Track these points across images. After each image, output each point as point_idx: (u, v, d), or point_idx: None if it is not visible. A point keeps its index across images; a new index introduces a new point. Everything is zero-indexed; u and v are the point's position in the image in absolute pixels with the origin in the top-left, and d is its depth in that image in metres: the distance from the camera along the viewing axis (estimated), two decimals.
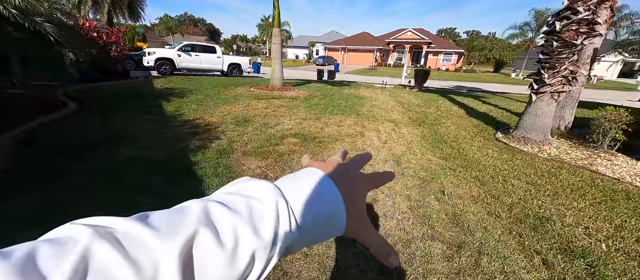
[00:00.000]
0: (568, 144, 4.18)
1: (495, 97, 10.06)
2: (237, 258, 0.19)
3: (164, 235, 0.18)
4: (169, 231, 0.18)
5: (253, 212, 0.22)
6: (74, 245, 0.15)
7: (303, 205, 0.24)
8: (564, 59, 3.65)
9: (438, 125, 5.28)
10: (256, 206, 0.22)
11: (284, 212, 0.22)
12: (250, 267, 0.20)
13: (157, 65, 10.71)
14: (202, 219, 0.19)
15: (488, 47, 40.95)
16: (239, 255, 0.20)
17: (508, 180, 2.93)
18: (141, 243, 0.17)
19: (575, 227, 2.16)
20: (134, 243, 0.17)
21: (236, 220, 0.20)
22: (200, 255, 0.18)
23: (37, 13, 3.71)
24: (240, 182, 0.25)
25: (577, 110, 5.65)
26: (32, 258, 0.14)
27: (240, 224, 0.20)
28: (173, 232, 0.18)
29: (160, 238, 0.17)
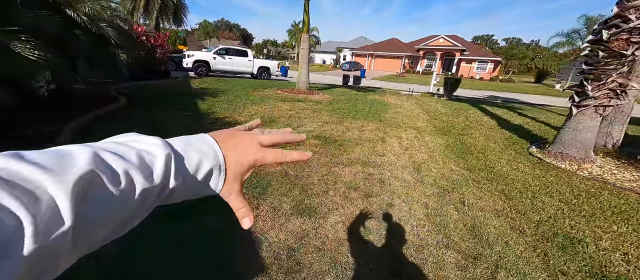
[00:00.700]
0: (614, 164, 3.79)
1: (533, 110, 9.34)
2: (128, 199, 0.21)
3: (53, 172, 0.17)
4: (58, 169, 0.18)
5: (143, 160, 0.23)
6: None
7: (187, 158, 0.27)
8: (611, 71, 3.35)
9: (465, 135, 5.08)
10: (145, 155, 0.24)
11: (169, 162, 0.24)
12: (140, 209, 0.22)
13: (195, 67, 11.58)
14: (93, 162, 0.20)
15: (530, 56, 37.95)
16: (130, 196, 0.21)
17: (538, 197, 2.75)
18: (25, 181, 0.16)
19: (612, 252, 1.99)
20: (17, 179, 0.16)
21: (127, 165, 0.22)
22: (93, 194, 0.19)
23: (101, 19, 4.29)
24: (127, 135, 0.26)
25: (630, 127, 5.09)
26: None
27: (131, 169, 0.22)
28: (63, 170, 0.18)
29: (49, 174, 0.17)
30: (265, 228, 1.92)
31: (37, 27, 2.45)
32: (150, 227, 1.82)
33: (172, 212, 1.94)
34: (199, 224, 1.86)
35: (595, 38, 3.50)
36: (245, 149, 0.32)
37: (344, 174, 2.88)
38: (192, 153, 0.27)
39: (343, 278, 1.57)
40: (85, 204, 0.18)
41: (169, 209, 1.96)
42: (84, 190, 0.18)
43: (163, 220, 1.87)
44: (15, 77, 2.64)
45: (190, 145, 0.28)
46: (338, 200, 2.37)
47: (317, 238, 1.87)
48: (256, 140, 0.33)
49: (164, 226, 1.82)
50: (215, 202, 1.65)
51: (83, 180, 0.18)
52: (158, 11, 15.59)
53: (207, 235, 1.78)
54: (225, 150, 0.30)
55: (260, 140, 0.34)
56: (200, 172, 0.27)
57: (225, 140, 0.31)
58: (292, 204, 2.24)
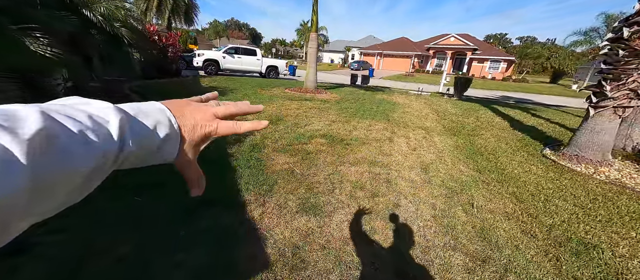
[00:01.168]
0: (634, 167, 3.62)
1: (548, 111, 9.04)
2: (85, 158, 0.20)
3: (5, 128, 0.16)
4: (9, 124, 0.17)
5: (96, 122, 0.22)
6: None
7: (142, 124, 0.26)
8: (632, 70, 3.20)
9: (475, 136, 4.97)
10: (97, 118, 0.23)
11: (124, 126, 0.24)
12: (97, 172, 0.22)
13: (205, 66, 11.78)
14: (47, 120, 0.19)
15: (545, 55, 36.67)
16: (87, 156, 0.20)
17: (551, 200, 2.67)
18: None
19: (629, 259, 1.91)
20: None
21: (81, 126, 0.21)
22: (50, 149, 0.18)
23: (116, 19, 4.42)
24: (73, 98, 0.26)
25: None
26: None
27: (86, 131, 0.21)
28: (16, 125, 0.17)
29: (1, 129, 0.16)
30: (271, 225, 1.93)
31: (53, 26, 2.54)
32: (157, 222, 1.86)
33: (176, 208, 1.98)
34: (205, 220, 1.89)
35: (616, 36, 3.35)
36: (199, 119, 0.31)
37: (350, 173, 2.87)
38: (146, 119, 0.27)
39: (347, 277, 1.57)
40: (41, 157, 0.17)
41: (175, 205, 2.01)
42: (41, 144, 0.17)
43: (171, 216, 1.91)
44: (31, 72, 2.75)
45: (143, 112, 0.27)
46: (344, 199, 2.36)
47: (322, 236, 1.88)
48: (211, 112, 0.33)
49: (172, 222, 1.86)
50: (219, 198, 1.67)
51: (39, 136, 0.17)
52: (170, 11, 15.92)
53: (213, 231, 1.81)
54: (179, 119, 0.30)
55: (215, 111, 0.33)
56: (154, 138, 0.27)
57: (178, 109, 0.31)
58: (298, 202, 2.25)
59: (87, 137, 0.21)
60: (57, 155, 0.18)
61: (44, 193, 0.18)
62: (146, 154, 0.27)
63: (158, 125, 0.27)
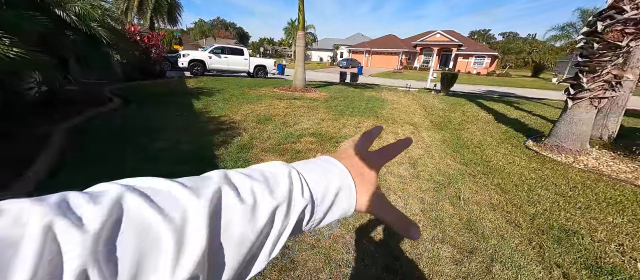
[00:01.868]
0: (610, 156, 3.80)
1: (530, 103, 9.36)
2: (256, 215, 0.21)
3: (192, 191, 0.19)
4: (195, 188, 0.19)
5: (268, 179, 0.23)
6: (107, 194, 0.16)
7: (313, 177, 0.26)
8: (606, 62, 3.34)
9: (461, 130, 5.08)
10: (270, 175, 0.24)
11: (296, 179, 0.24)
12: (269, 226, 0.22)
13: (190, 67, 11.50)
14: (224, 181, 0.21)
15: (526, 50, 37.96)
16: (258, 212, 0.21)
17: (534, 190, 2.75)
18: (169, 196, 0.18)
19: (607, 243, 1.99)
20: (162, 196, 0.18)
21: (253, 182, 0.22)
22: (224, 211, 0.20)
23: (92, 19, 4.23)
24: (255, 166, 0.27)
25: (625, 119, 5.10)
26: (66, 201, 0.15)
27: (257, 186, 0.22)
28: (199, 189, 0.19)
29: (188, 192, 0.19)
30: None
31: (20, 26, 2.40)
32: None
33: None
34: None
35: (590, 30, 3.49)
36: (366, 158, 0.31)
37: None
38: (317, 169, 0.27)
39: (337, 275, 1.56)
40: (217, 221, 0.19)
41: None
42: (217, 206, 0.19)
43: None
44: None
45: (314, 164, 0.28)
46: None
47: (311, 236, 1.86)
48: (378, 168, 0.32)
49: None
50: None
51: (215, 195, 0.20)
52: (152, 11, 15.42)
53: None
54: (347, 166, 0.29)
55: (360, 143, 0.34)
56: (330, 190, 0.26)
57: (343, 159, 0.30)
58: None
59: (256, 193, 0.22)
60: (230, 215, 0.20)
61: (218, 262, 0.19)
62: (321, 210, 0.26)
63: (329, 176, 0.27)
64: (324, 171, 0.27)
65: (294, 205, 0.23)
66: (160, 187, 0.19)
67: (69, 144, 3.04)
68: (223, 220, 0.19)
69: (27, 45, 2.34)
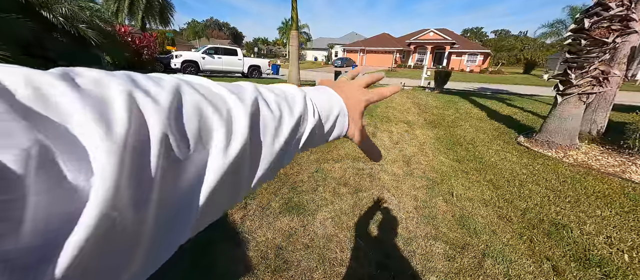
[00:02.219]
0: (599, 150, 3.88)
1: (522, 100, 9.49)
2: (282, 126, 0.25)
3: (236, 96, 0.22)
4: (238, 94, 0.22)
5: (288, 98, 0.28)
6: (168, 81, 0.18)
7: (320, 102, 0.32)
8: (593, 59, 3.41)
9: (455, 127, 5.13)
10: (290, 96, 0.28)
11: (309, 103, 0.29)
12: (291, 137, 0.26)
13: (183, 68, 11.37)
14: (257, 92, 0.24)
15: (518, 47, 38.57)
16: (283, 124, 0.25)
17: (525, 185, 2.80)
18: (218, 95, 0.21)
19: (595, 235, 2.03)
20: (212, 94, 0.20)
21: (279, 99, 0.26)
22: (261, 116, 0.23)
23: (80, 20, 4.15)
24: (272, 85, 0.31)
25: (613, 114, 5.21)
26: (134, 79, 0.16)
27: (282, 103, 0.26)
28: (240, 94, 0.22)
29: (233, 96, 0.22)
30: (253, 228, 1.89)
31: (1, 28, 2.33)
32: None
33: None
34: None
35: (578, 27, 3.55)
36: (357, 95, 0.37)
37: (334, 170, 2.87)
38: (323, 97, 0.32)
39: (331, 274, 1.56)
40: (256, 124, 0.22)
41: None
42: (255, 112, 0.22)
43: None
44: None
45: (319, 91, 0.33)
46: (327, 196, 2.36)
47: (305, 235, 1.86)
48: (361, 86, 0.40)
49: None
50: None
51: (254, 104, 0.23)
52: (143, 11, 15.20)
53: (191, 239, 1.74)
54: (343, 98, 0.35)
55: (361, 83, 0.40)
56: (331, 115, 0.32)
57: (340, 90, 0.36)
58: (281, 202, 2.22)
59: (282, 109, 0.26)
60: (263, 123, 0.23)
61: (257, 157, 0.23)
62: (325, 131, 0.32)
63: (332, 104, 0.33)
64: (328, 99, 0.33)
65: (307, 123, 0.28)
66: (209, 86, 0.21)
67: None
68: (261, 125, 0.23)
69: (10, 47, 2.28)
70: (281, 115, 0.25)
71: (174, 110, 0.17)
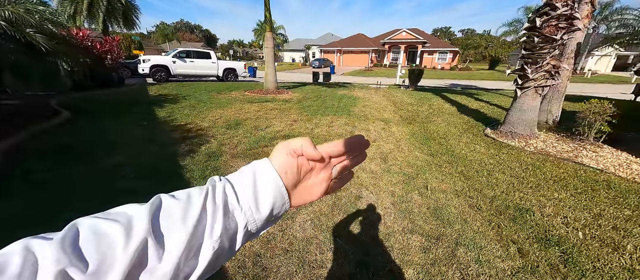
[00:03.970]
0: (555, 138, 4.24)
1: (488, 94, 10.14)
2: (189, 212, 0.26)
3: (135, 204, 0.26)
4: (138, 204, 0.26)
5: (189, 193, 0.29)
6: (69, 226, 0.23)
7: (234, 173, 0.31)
8: (545, 54, 3.72)
9: (428, 123, 5.34)
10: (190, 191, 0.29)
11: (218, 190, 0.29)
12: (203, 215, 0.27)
13: (152, 72, 10.77)
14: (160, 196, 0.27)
15: (483, 45, 41.14)
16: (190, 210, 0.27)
17: (492, 174, 2.98)
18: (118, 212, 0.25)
19: (554, 217, 2.21)
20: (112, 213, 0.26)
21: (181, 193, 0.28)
22: (164, 210, 0.26)
23: (28, 24, 3.77)
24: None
25: (566, 104, 5.73)
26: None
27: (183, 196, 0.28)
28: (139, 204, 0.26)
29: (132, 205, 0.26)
30: None
31: None
32: None
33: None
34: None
35: (531, 25, 3.86)
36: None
37: None
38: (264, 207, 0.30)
39: (311, 277, 1.55)
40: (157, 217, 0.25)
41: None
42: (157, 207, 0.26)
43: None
44: None
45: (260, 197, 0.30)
46: None
47: (284, 240, 1.83)
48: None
49: None
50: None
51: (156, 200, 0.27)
52: (104, 14, 14.17)
53: None
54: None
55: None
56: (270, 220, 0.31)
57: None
58: None
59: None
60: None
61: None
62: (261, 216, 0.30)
63: (276, 206, 0.30)
64: (251, 171, 0.31)
65: (216, 186, 0.29)
66: (113, 210, 0.25)
67: (3, 165, 2.68)
68: (163, 212, 0.25)
69: None
70: (189, 196, 0.27)
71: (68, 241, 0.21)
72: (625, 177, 2.95)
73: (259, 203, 0.29)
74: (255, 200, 0.29)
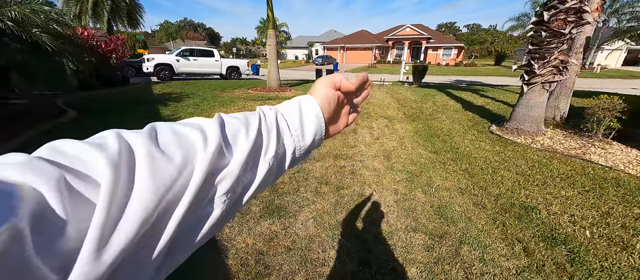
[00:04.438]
0: (562, 134, 4.16)
1: (494, 90, 9.99)
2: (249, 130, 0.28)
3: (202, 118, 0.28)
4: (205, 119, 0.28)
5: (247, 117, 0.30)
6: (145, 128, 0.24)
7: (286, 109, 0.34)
8: (553, 49, 3.64)
9: (432, 120, 5.29)
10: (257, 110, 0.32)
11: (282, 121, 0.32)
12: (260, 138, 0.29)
13: (157, 71, 10.85)
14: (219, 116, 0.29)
15: (489, 40, 40.56)
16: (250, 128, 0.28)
17: (497, 172, 2.94)
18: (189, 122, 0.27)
19: (560, 215, 2.17)
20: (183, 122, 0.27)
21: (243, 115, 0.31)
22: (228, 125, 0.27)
23: (34, 24, 3.81)
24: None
25: (574, 100, 5.61)
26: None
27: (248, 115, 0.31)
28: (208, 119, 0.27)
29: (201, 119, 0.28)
30: (233, 234, 1.83)
31: None
32: None
33: None
34: None
35: (538, 19, 3.77)
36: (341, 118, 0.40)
37: (315, 169, 2.86)
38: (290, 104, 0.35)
39: (313, 275, 1.55)
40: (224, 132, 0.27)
41: None
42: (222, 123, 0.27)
43: None
44: None
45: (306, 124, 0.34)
46: (309, 196, 2.34)
47: (287, 238, 1.83)
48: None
49: None
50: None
51: (219, 117, 0.28)
52: (109, 13, 14.28)
53: None
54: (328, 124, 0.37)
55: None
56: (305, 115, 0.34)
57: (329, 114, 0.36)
58: (262, 205, 2.17)
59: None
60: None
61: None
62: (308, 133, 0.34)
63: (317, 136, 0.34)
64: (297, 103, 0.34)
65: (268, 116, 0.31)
66: (183, 121, 0.27)
67: None
68: (228, 127, 0.27)
69: None
70: (247, 118, 0.29)
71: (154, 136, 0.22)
72: (635, 175, 2.88)
73: (304, 132, 0.33)
74: (301, 128, 0.33)
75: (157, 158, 0.20)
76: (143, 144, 0.21)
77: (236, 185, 0.26)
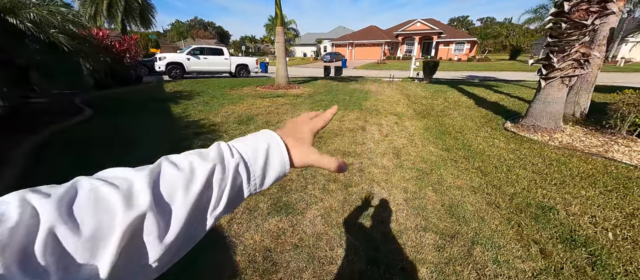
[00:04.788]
0: (583, 131, 3.96)
1: (509, 86, 9.64)
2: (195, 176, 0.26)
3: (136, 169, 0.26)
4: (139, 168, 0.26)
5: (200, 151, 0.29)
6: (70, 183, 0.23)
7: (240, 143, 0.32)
8: (574, 41, 3.45)
9: (444, 116, 5.16)
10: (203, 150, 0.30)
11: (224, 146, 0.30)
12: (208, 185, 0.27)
13: (168, 70, 11.08)
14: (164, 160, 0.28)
15: (504, 34, 39.10)
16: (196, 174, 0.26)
17: (512, 170, 2.83)
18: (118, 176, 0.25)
19: (580, 216, 2.07)
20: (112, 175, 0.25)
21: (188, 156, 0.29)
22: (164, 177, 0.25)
23: (51, 26, 3.95)
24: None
25: (596, 95, 5.34)
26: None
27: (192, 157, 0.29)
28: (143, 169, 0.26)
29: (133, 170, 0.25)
30: (240, 231, 1.84)
31: None
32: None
33: None
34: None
35: (558, 10, 3.58)
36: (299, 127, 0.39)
37: None
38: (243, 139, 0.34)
39: (321, 273, 1.53)
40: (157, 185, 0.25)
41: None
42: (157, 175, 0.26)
43: None
44: None
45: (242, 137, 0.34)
46: (317, 194, 2.32)
47: (294, 235, 1.82)
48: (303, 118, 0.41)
49: None
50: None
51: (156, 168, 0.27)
52: (123, 14, 14.68)
53: None
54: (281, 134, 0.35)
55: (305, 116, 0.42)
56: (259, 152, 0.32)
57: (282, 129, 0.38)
58: (269, 202, 2.17)
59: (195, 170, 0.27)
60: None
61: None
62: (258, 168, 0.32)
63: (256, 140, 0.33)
64: (252, 137, 0.33)
65: (227, 165, 0.28)
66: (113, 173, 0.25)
67: (30, 163, 2.84)
68: (164, 184, 0.25)
69: None
70: (192, 169, 0.27)
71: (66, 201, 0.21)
72: None
73: (265, 180, 0.32)
74: (262, 177, 0.32)
75: (61, 231, 0.19)
76: (49, 213, 0.19)
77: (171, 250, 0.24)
